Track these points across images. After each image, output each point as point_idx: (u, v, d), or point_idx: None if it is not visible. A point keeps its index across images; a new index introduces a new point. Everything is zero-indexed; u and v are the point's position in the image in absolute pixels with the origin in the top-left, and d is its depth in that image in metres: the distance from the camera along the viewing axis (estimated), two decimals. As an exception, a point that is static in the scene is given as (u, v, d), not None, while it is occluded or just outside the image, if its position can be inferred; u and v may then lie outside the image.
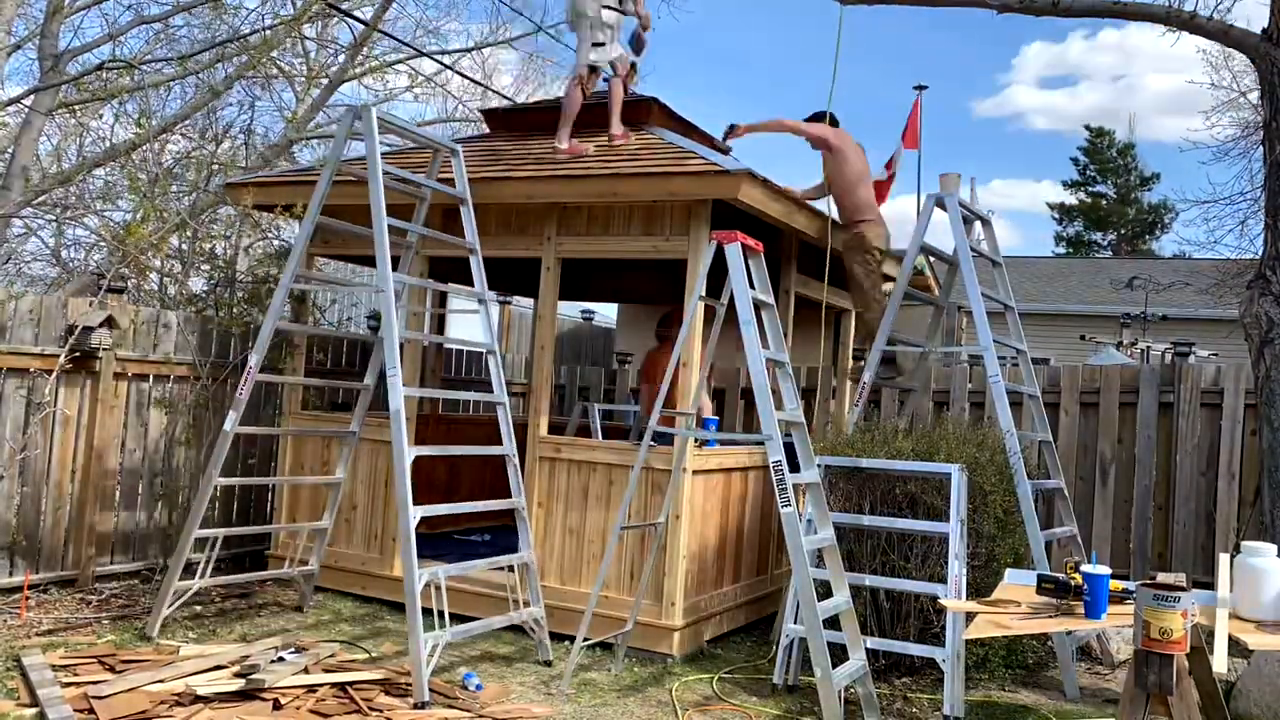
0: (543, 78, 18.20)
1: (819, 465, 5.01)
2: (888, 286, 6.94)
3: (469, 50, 14.53)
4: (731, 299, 4.83)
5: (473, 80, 14.27)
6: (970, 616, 3.85)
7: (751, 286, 4.82)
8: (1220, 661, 3.33)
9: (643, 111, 6.89)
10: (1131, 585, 3.65)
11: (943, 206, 6.19)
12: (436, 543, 7.07)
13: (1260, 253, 5.63)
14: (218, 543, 5.72)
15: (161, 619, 5.44)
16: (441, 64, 13.66)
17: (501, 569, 5.54)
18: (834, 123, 7.14)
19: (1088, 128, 40.77)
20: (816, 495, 4.84)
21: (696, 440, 5.69)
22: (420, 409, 7.12)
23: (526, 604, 5.46)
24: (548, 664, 5.37)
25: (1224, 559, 3.90)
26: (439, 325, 9.19)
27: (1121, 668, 5.78)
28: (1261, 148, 5.79)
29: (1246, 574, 3.60)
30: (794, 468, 4.71)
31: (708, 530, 5.93)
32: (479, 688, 4.84)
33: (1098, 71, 59.89)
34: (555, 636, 5.58)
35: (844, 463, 5.45)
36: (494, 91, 14.81)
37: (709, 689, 5.16)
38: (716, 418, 6.51)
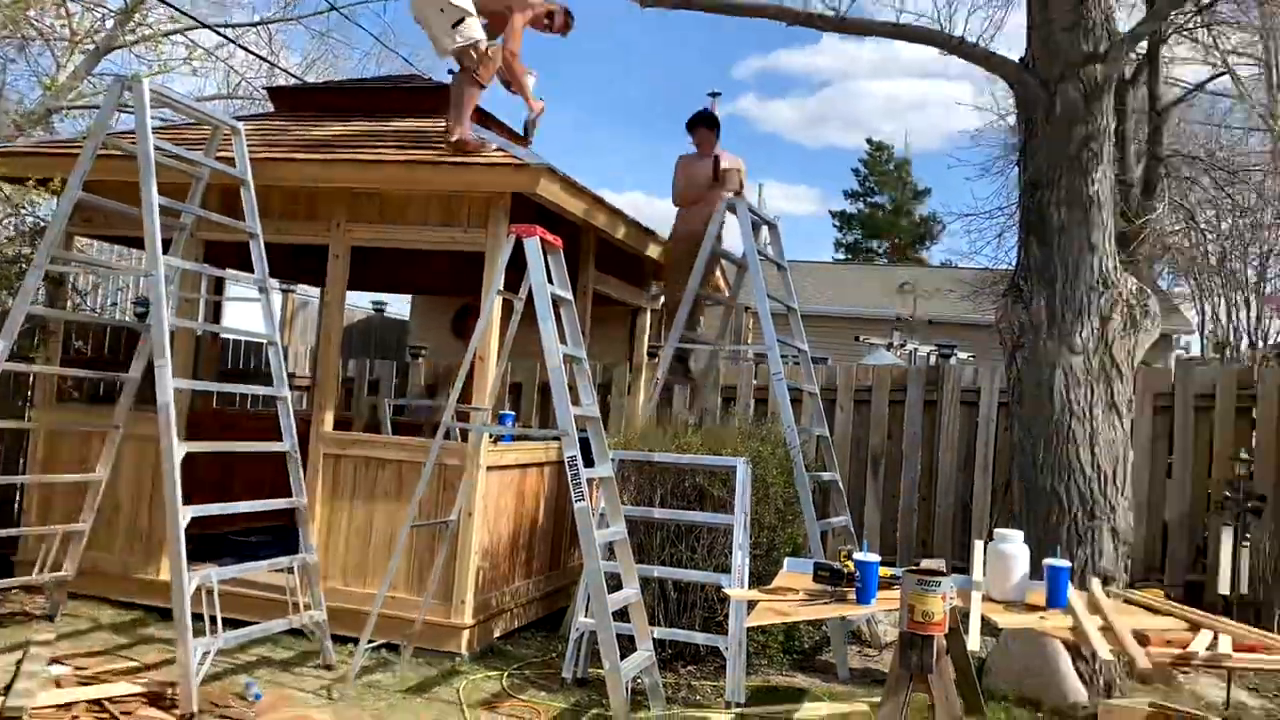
0: (334, 58, 17.51)
1: (613, 459, 5.07)
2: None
3: (255, 25, 13.77)
4: (530, 294, 4.81)
5: (258, 56, 13.54)
6: (752, 604, 4.00)
7: (550, 282, 4.81)
8: (974, 640, 3.61)
9: (441, 100, 6.74)
10: (898, 571, 3.89)
11: (733, 210, 6.40)
12: (211, 544, 6.65)
13: (1015, 263, 6.14)
14: (-47, 548, 5.15)
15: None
16: (224, 37, 12.88)
17: (282, 570, 5.28)
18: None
19: (869, 141, 43.55)
20: (610, 490, 4.90)
21: (492, 435, 5.63)
22: (194, 403, 6.69)
23: (308, 606, 5.23)
24: (330, 668, 5.16)
25: (978, 546, 4.23)
26: (215, 313, 8.67)
27: (888, 649, 6.16)
28: (1017, 167, 6.32)
29: (997, 559, 3.93)
30: (589, 462, 4.75)
31: (501, 526, 5.89)
32: (258, 696, 4.60)
33: (810, 79, 64.25)
34: (341, 639, 5.37)
35: (637, 456, 5.55)
36: (281, 69, 14.12)
37: (498, 686, 5.12)
38: (512, 412, 6.47)
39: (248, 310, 9.77)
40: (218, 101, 14.15)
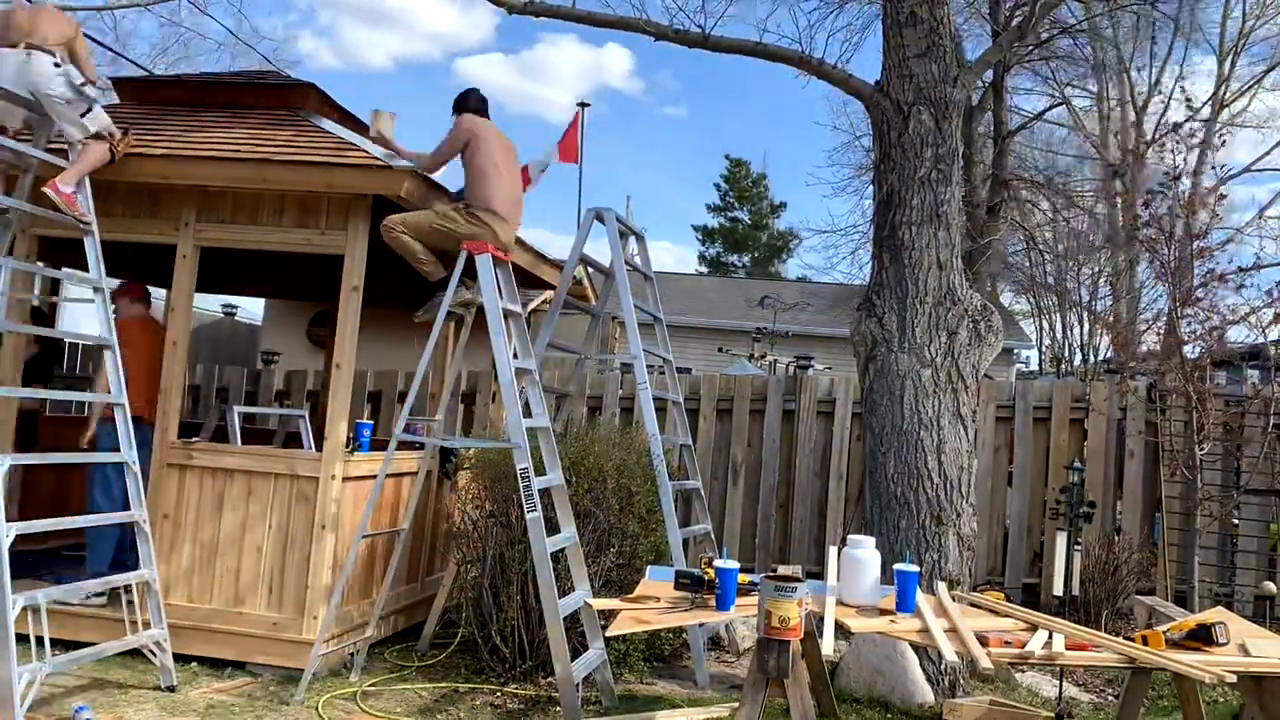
0: (185, 48, 16.76)
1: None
2: (548, 294, 7.08)
3: (98, 10, 13.06)
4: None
5: (100, 44, 12.82)
6: (615, 613, 4.00)
7: (500, 296, 4.96)
8: (828, 645, 3.70)
9: (298, 97, 6.53)
10: (757, 578, 3.96)
11: (601, 220, 6.42)
12: (43, 561, 6.25)
13: (868, 279, 6.36)
14: None
15: None
16: (63, 21, 12.13)
17: (119, 588, 4.99)
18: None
19: (728, 157, 44.42)
20: (560, 496, 5.08)
21: (347, 451, 5.48)
22: (24, 408, 6.26)
23: (147, 625, 4.96)
24: (171, 689, 4.90)
25: (832, 552, 4.35)
26: (52, 315, 8.15)
27: (746, 655, 6.26)
28: (872, 186, 6.56)
29: (850, 565, 4.04)
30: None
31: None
32: (88, 722, 4.33)
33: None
34: (184, 659, 5.12)
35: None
36: (126, 59, 13.41)
37: (353, 703, 4.97)
38: (371, 423, 6.28)
39: (88, 311, 9.24)
40: (56, 90, 13.32)
